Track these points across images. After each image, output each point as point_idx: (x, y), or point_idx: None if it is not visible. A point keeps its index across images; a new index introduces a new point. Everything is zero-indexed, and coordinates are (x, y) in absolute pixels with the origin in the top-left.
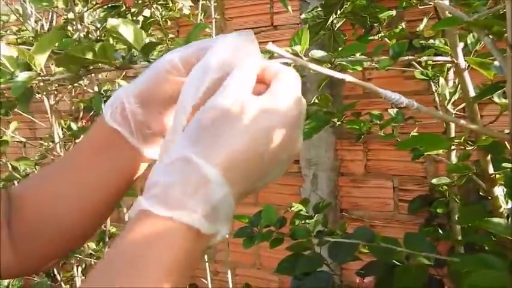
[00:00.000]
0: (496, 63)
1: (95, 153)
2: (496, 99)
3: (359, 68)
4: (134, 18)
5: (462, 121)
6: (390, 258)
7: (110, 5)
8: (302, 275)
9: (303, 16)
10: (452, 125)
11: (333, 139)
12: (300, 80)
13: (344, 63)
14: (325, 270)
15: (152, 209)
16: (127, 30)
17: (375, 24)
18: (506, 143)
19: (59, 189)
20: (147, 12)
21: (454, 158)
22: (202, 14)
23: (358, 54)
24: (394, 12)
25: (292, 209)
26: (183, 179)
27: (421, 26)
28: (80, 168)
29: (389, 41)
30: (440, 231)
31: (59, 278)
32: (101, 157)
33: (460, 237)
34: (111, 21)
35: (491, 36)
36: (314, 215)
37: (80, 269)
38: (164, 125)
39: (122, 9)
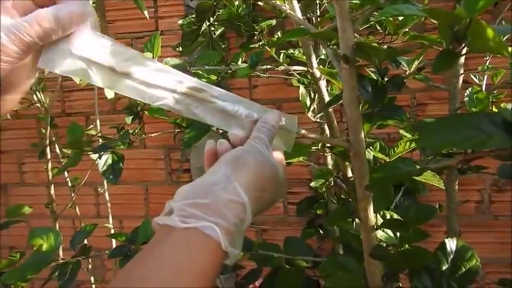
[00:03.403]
0: None
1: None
2: None
3: (214, 77)
4: None
5: (303, 131)
6: (271, 264)
7: None
8: None
9: (179, 22)
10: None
11: None
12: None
13: (200, 71)
14: None
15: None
16: None
17: (256, 32)
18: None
19: None
20: None
21: (330, 162)
22: None
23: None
24: (274, 22)
25: None
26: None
27: None
28: None
29: (269, 49)
30: (321, 231)
31: None
32: None
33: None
34: None
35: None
36: None
37: None
38: None
39: None
